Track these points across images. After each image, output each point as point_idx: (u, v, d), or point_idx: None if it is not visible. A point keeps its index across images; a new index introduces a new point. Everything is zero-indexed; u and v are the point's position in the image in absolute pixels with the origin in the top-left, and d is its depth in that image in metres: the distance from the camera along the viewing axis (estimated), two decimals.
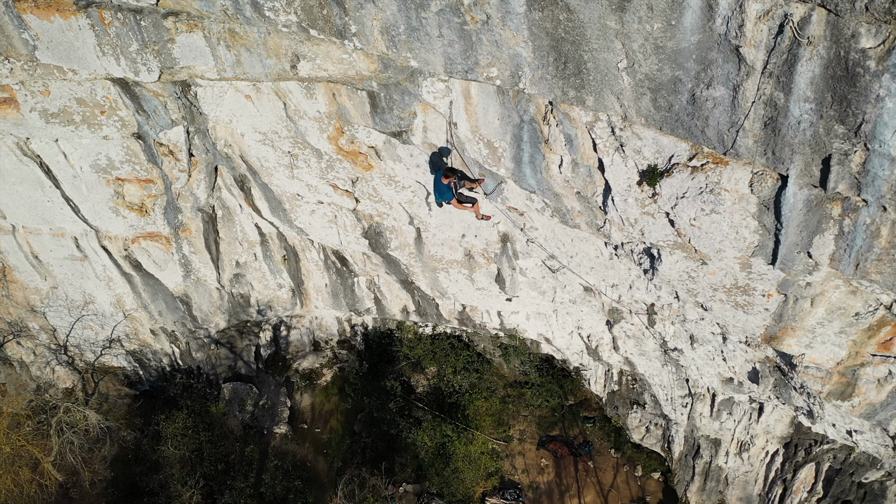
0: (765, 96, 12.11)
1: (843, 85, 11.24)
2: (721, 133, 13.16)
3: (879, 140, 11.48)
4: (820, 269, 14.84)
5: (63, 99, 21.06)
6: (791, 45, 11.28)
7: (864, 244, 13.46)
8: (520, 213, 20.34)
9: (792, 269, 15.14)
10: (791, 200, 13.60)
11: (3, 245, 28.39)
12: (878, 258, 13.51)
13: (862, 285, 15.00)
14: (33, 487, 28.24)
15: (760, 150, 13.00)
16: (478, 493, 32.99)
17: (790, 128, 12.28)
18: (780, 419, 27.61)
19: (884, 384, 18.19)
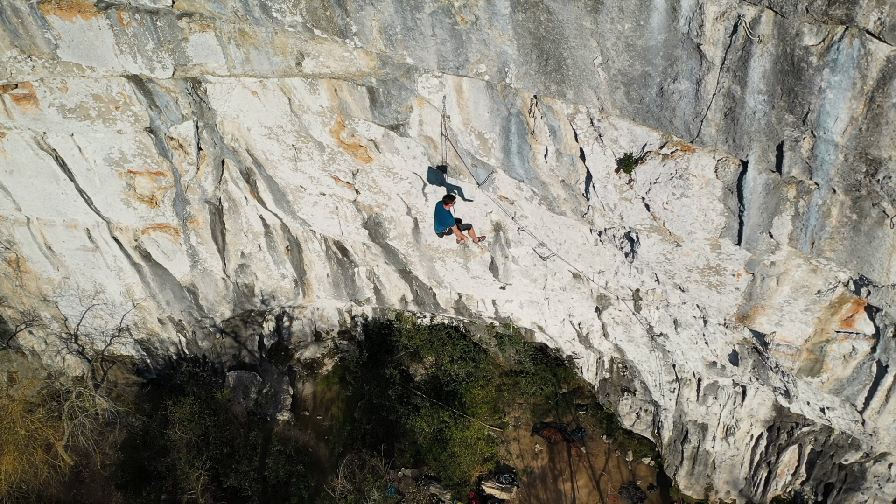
0: (724, 89, 13.63)
1: (791, 78, 12.75)
2: (687, 123, 14.68)
3: (824, 128, 13.00)
4: (781, 248, 16.36)
5: (80, 95, 22.56)
6: (744, 42, 12.79)
7: (818, 224, 14.97)
8: (510, 202, 21.84)
9: (756, 249, 16.66)
10: (751, 184, 15.13)
11: (18, 236, 29.85)
12: (831, 236, 15.02)
13: (820, 263, 16.50)
14: (46, 468, 29.68)
15: (722, 139, 14.52)
16: (474, 477, 34.47)
17: (747, 117, 13.79)
18: (763, 403, 29.05)
19: (849, 360, 19.68)
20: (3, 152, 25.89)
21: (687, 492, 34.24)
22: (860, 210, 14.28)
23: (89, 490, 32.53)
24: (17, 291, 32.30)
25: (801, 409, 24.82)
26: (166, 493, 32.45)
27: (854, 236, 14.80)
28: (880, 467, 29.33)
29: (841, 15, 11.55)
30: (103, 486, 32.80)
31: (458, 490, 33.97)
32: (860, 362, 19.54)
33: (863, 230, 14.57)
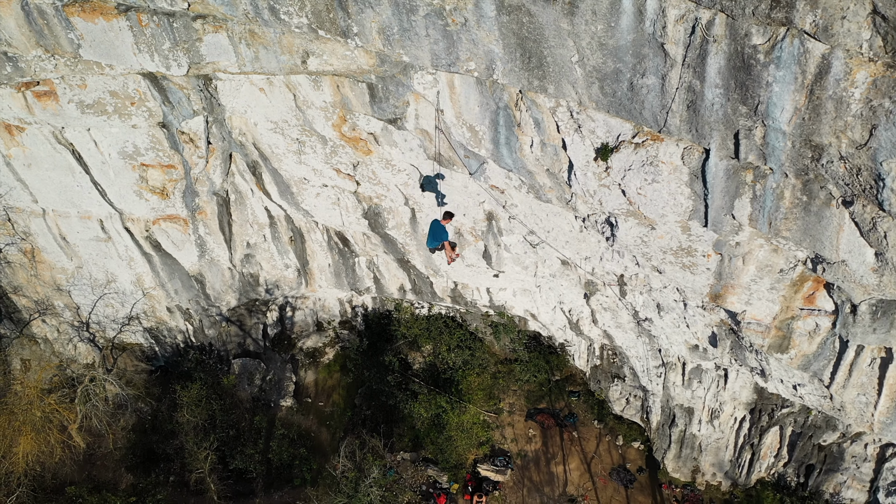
0: (685, 83, 15.44)
1: (742, 73, 14.56)
2: (655, 114, 16.49)
3: (772, 117, 14.80)
4: (743, 228, 18.17)
5: (98, 91, 24.39)
6: (702, 42, 14.60)
7: (773, 205, 16.77)
8: (501, 191, 23.65)
9: (722, 230, 18.48)
10: (713, 170, 16.94)
11: (34, 228, 31.66)
12: (786, 217, 16.83)
13: (779, 243, 18.29)
14: (61, 448, 31.47)
15: (686, 128, 16.33)
16: (470, 460, 36.26)
17: (706, 109, 15.61)
18: (744, 385, 30.81)
19: (814, 336, 21.47)
20: (22, 147, 27.66)
21: (675, 474, 35.98)
22: (809, 192, 16.10)
23: (101, 471, 34.31)
24: (31, 281, 34.08)
25: (777, 388, 26.56)
26: (174, 475, 34.20)
27: (805, 216, 16.61)
28: (857, 447, 31.12)
29: (782, 17, 13.35)
30: (114, 468, 34.58)
31: (454, 472, 35.74)
32: (824, 338, 21.32)
33: (813, 210, 16.37)
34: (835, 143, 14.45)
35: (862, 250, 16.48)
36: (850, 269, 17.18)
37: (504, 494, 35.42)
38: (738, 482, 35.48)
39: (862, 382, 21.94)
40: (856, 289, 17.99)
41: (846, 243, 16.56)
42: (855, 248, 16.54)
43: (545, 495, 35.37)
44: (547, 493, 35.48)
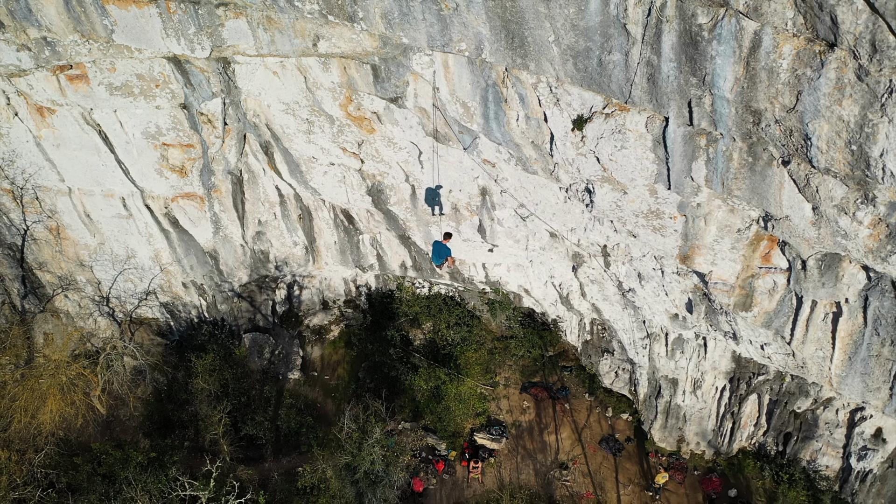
0: (645, 59, 18.19)
1: (691, 49, 17.31)
2: (621, 87, 19.25)
3: (717, 86, 17.55)
4: (701, 190, 20.91)
5: (126, 74, 27.25)
6: (657, 22, 17.36)
7: (724, 166, 19.51)
8: (492, 165, 26.43)
9: (683, 192, 21.22)
10: (672, 136, 19.69)
11: (60, 206, 34.52)
12: (735, 177, 19.56)
13: (734, 203, 21.01)
14: (84, 409, 34.28)
15: (647, 98, 19.08)
16: (467, 429, 38.99)
17: (663, 80, 18.35)
18: (723, 355, 33.44)
19: (773, 294, 24.17)
20: (52, 128, 30.55)
21: (661, 444, 38.64)
22: (754, 154, 18.83)
23: (120, 436, 37.09)
24: (56, 257, 36.94)
25: (748, 350, 29.25)
26: (189, 440, 36.92)
27: (752, 176, 19.33)
28: (829, 414, 33.72)
29: (721, 0, 16.14)
30: (132, 434, 37.36)
31: (452, 440, 38.46)
32: (782, 295, 24.02)
33: (757, 170, 19.10)
34: (769, 108, 17.18)
35: (801, 205, 19.19)
36: (793, 224, 19.89)
37: (499, 461, 38.09)
38: (721, 451, 38.07)
39: (818, 337, 24.60)
40: (802, 244, 20.70)
41: (787, 199, 19.27)
42: (795, 203, 19.25)
43: (538, 462, 38.04)
44: (540, 460, 38.15)
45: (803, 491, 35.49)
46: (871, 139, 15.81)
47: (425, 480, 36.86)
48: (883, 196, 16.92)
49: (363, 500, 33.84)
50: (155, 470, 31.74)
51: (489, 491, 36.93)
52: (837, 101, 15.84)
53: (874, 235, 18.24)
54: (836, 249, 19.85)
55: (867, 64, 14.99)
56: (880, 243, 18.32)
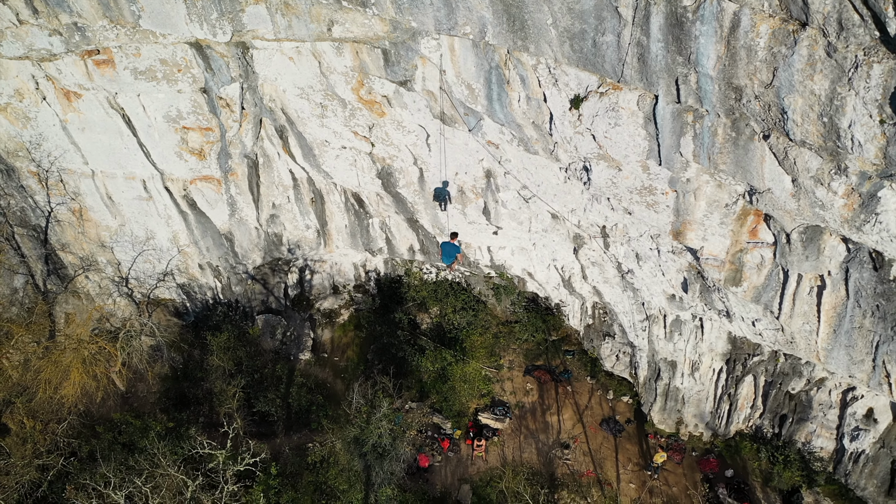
0: (635, 39, 19.76)
1: (677, 29, 18.87)
2: (614, 66, 20.82)
3: (701, 65, 19.10)
4: (690, 164, 22.46)
5: (150, 59, 28.97)
6: (646, 4, 18.92)
7: (710, 141, 21.05)
8: (496, 146, 28.02)
9: (673, 167, 22.77)
10: (662, 112, 21.24)
11: (83, 188, 36.28)
12: (720, 151, 21.10)
13: (720, 178, 22.53)
14: (105, 381, 36.04)
15: (638, 77, 20.64)
16: (471, 409, 40.56)
17: (652, 60, 19.91)
18: (719, 336, 34.90)
19: (761, 268, 25.67)
20: (78, 112, 32.30)
21: (661, 426, 40.11)
22: (737, 129, 20.36)
23: (137, 412, 38.78)
24: (78, 238, 38.72)
25: (741, 328, 30.71)
26: (204, 416, 38.62)
27: (735, 150, 20.86)
28: (822, 395, 35.12)
29: None
30: (150, 409, 39.05)
31: (457, 420, 40.05)
32: (769, 270, 25.51)
33: (741, 144, 20.63)
34: (749, 84, 18.72)
35: (781, 178, 20.70)
36: (775, 196, 21.39)
37: (503, 440, 39.63)
38: (719, 432, 39.49)
39: (804, 311, 26.06)
40: (785, 217, 22.21)
41: (769, 172, 20.78)
42: (776, 176, 20.76)
43: (540, 441, 39.57)
44: (542, 439, 39.68)
45: (798, 471, 36.88)
46: (840, 111, 17.33)
47: (431, 457, 38.38)
48: (854, 166, 18.41)
49: (371, 472, 35.42)
50: (172, 439, 33.37)
51: (492, 468, 38.46)
52: (809, 76, 17.36)
53: (848, 205, 19.73)
54: (816, 221, 21.33)
55: (835, 41, 16.52)
56: (854, 213, 19.80)
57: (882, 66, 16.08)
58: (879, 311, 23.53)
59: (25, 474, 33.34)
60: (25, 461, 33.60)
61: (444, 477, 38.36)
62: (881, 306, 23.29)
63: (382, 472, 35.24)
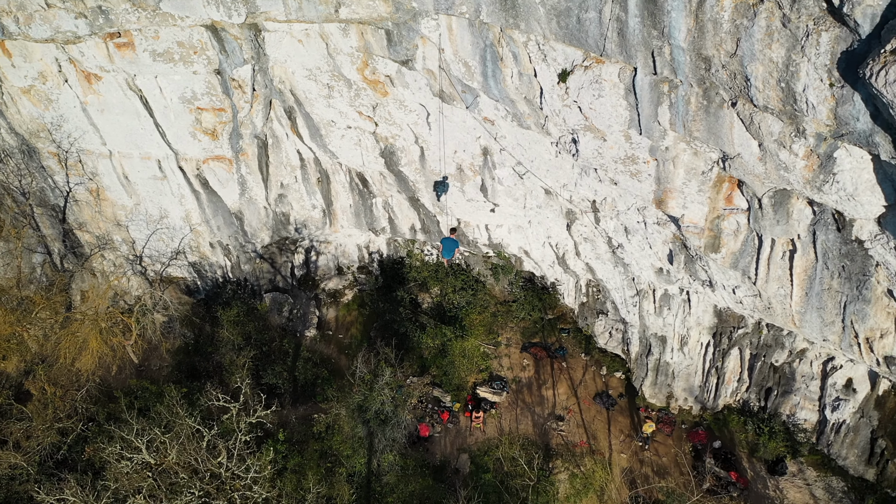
0: (615, 15, 22.02)
1: (651, 5, 21.12)
2: (596, 41, 23.08)
3: (674, 37, 21.35)
4: (667, 133, 24.71)
5: (168, 42, 31.29)
6: None
7: (684, 110, 23.29)
8: (492, 123, 30.29)
9: (653, 136, 25.02)
10: (640, 83, 23.50)
11: (101, 168, 38.63)
12: (694, 119, 23.35)
13: (696, 146, 24.77)
14: (120, 350, 38.35)
15: (619, 51, 22.90)
16: (470, 383, 42.79)
17: (631, 34, 22.17)
18: (706, 310, 37.10)
19: (737, 235, 27.89)
20: (98, 94, 34.64)
21: (652, 400, 42.29)
22: (708, 97, 22.61)
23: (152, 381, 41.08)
24: (95, 217, 41.06)
25: (723, 297, 32.92)
26: (214, 388, 40.80)
27: (707, 117, 23.11)
28: (804, 366, 37.24)
29: None
30: (162, 382, 41.26)
31: (457, 393, 42.28)
32: (745, 236, 27.74)
33: (712, 112, 22.87)
34: (716, 54, 20.96)
35: (749, 143, 22.93)
36: (744, 160, 23.63)
37: (500, 413, 41.83)
38: (707, 406, 41.66)
39: (779, 275, 28.26)
40: (755, 181, 24.45)
41: (738, 137, 23.01)
42: (744, 141, 22.98)
43: (536, 413, 41.77)
44: (537, 412, 41.88)
45: (783, 443, 39.03)
46: (795, 76, 19.57)
47: (431, 427, 40.57)
48: (810, 128, 20.62)
49: (373, 439, 37.64)
50: (186, 404, 35.56)
51: (490, 439, 40.64)
52: (768, 45, 19.60)
53: (808, 166, 21.95)
54: (783, 184, 23.56)
55: (789, 12, 18.76)
56: (814, 173, 22.02)
57: (829, 34, 18.33)
58: (845, 272, 25.70)
59: (46, 437, 35.57)
60: (46, 425, 35.88)
61: (444, 447, 40.52)
62: (846, 267, 25.47)
63: (384, 439, 37.43)
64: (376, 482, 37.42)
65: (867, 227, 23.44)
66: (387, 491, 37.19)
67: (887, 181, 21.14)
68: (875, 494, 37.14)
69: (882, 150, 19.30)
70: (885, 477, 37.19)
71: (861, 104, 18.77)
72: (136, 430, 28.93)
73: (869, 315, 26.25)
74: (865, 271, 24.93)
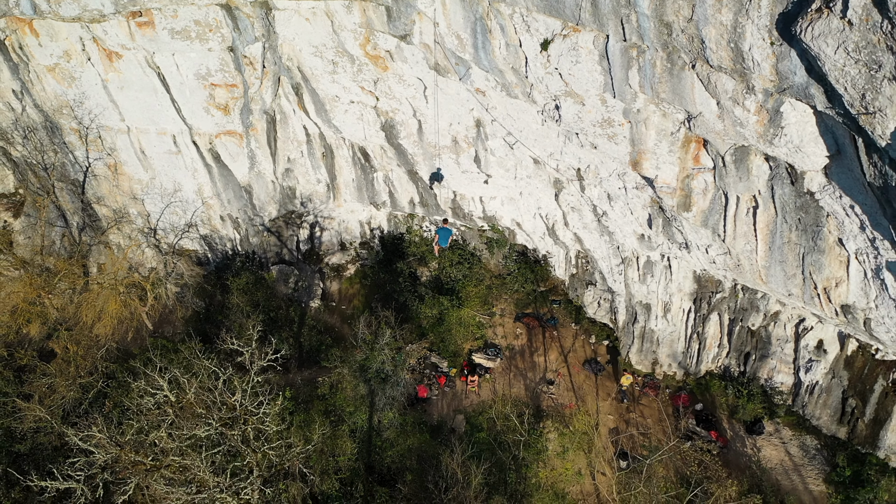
0: None
1: None
2: (573, 11, 26.34)
3: (639, 6, 24.58)
4: (638, 95, 27.95)
5: (186, 20, 34.58)
6: None
7: (651, 73, 26.52)
8: (483, 94, 33.55)
9: (625, 98, 28.26)
10: (612, 49, 26.75)
11: (119, 144, 41.96)
12: (660, 81, 26.58)
13: (664, 108, 27.98)
14: (138, 312, 41.61)
15: (592, 20, 26.16)
16: (466, 350, 46.00)
17: (602, 4, 25.39)
18: (686, 276, 40.25)
19: (706, 193, 31.09)
20: (118, 71, 37.97)
21: (638, 366, 45.47)
22: (672, 61, 25.83)
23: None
24: (112, 191, 44.38)
25: (699, 259, 36.06)
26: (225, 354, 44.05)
27: (671, 79, 26.33)
28: (779, 329, 40.36)
29: None
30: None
31: (453, 359, 45.51)
32: (713, 194, 30.94)
33: (675, 74, 26.09)
34: (676, 20, 24.19)
35: (708, 102, 26.14)
36: (706, 119, 26.84)
37: (494, 378, 45.03)
38: (690, 371, 44.81)
39: (744, 231, 31.41)
40: (717, 139, 27.67)
41: (699, 97, 26.22)
42: (704, 100, 26.19)
43: (527, 378, 44.95)
44: (529, 377, 45.07)
45: (760, 404, 42.23)
46: (742, 37, 22.76)
47: (429, 389, 43.73)
48: (758, 84, 23.81)
49: (374, 397, 40.81)
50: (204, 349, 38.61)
51: (484, 401, 43.83)
52: (718, 10, 22.81)
53: (760, 121, 25.13)
54: (740, 140, 26.77)
55: None
56: (765, 127, 25.20)
57: None
58: (801, 224, 28.85)
59: (69, 392, 38.78)
60: (69, 381, 39.08)
61: (441, 408, 43.69)
62: (802, 219, 28.62)
63: (385, 397, 40.62)
64: (377, 437, 40.57)
65: (816, 178, 26.58)
66: (387, 445, 40.35)
67: (828, 133, 24.30)
68: (846, 451, 40.09)
69: (818, 101, 22.47)
70: (856, 434, 40.22)
71: (797, 59, 21.95)
72: (160, 367, 32.05)
73: (824, 265, 29.33)
74: (818, 222, 28.04)
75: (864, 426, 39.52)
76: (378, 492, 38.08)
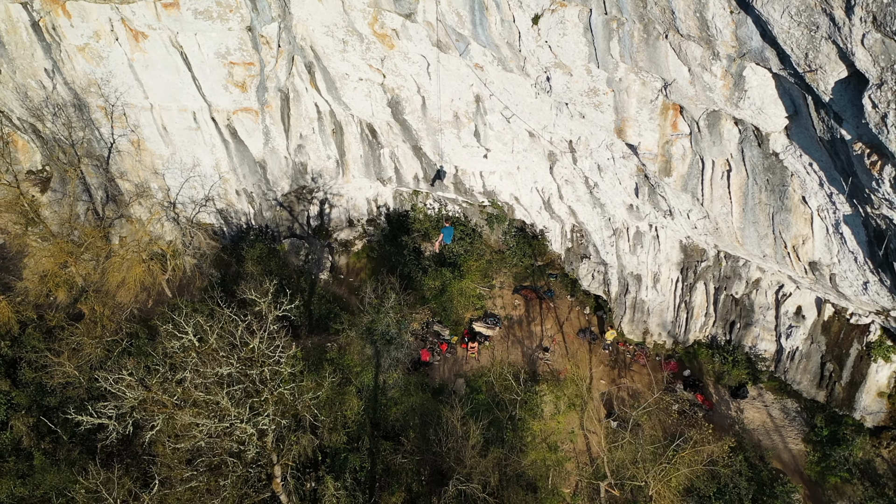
0: None
1: None
2: None
3: None
4: (619, 65, 31.37)
5: (208, 1, 38.13)
6: None
7: (629, 43, 29.93)
8: (481, 69, 37.02)
9: (608, 67, 31.68)
10: (595, 22, 30.19)
11: (142, 120, 45.53)
12: (638, 51, 30.00)
13: (643, 76, 31.39)
14: (160, 277, 45.20)
15: None
16: (467, 318, 49.41)
17: None
18: (673, 246, 43.55)
19: (684, 159, 34.47)
20: (143, 51, 41.55)
21: (630, 336, 48.75)
22: (648, 31, 29.25)
23: None
24: (135, 167, 47.98)
25: (682, 226, 39.40)
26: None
27: (647, 48, 29.73)
28: (761, 297, 43.57)
29: None
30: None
31: (454, 327, 48.92)
32: (691, 159, 34.31)
33: (650, 43, 29.49)
34: None
35: (680, 69, 29.53)
36: (679, 85, 30.24)
37: (493, 345, 48.41)
38: (679, 340, 48.06)
39: (720, 195, 34.74)
40: (691, 105, 31.07)
41: (672, 65, 29.61)
42: (677, 67, 29.59)
43: (525, 346, 48.31)
44: (527, 344, 48.43)
45: (745, 371, 45.44)
46: (706, 7, 26.14)
47: (431, 354, 47.13)
48: (722, 50, 27.18)
49: (380, 358, 44.23)
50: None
51: (483, 366, 47.17)
52: None
53: (726, 85, 28.50)
54: (711, 105, 30.15)
55: None
56: (731, 91, 28.57)
57: None
58: (769, 185, 32.17)
59: (96, 350, 42.31)
60: (95, 340, 42.62)
61: (443, 373, 47.06)
62: (770, 180, 31.94)
63: (390, 359, 44.04)
64: (382, 396, 43.95)
65: (780, 140, 29.93)
66: (391, 403, 43.76)
67: (786, 95, 27.65)
68: (825, 413, 43.19)
69: (772, 63, 25.83)
70: (834, 398, 43.32)
71: (752, 25, 25.32)
72: (185, 313, 35.58)
73: (791, 223, 32.62)
74: (784, 182, 31.37)
75: (842, 389, 42.53)
76: (383, 445, 41.41)
